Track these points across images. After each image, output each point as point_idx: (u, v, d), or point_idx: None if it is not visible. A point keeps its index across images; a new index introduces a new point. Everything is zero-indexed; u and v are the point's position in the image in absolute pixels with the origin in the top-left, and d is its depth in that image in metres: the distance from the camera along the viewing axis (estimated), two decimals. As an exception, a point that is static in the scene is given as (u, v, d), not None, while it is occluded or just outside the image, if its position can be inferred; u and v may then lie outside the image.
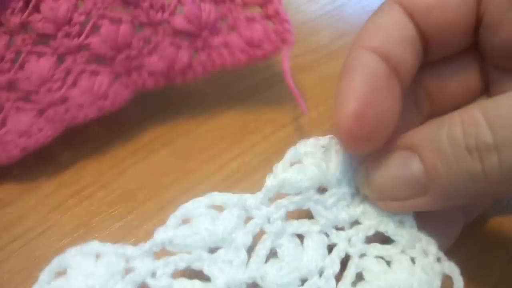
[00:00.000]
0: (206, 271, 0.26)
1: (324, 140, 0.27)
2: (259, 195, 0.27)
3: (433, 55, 0.28)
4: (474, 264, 0.29)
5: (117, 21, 0.33)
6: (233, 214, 0.26)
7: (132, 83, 0.35)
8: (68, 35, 0.33)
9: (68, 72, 0.34)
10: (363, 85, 0.25)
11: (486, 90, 0.30)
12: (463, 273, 0.27)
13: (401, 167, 0.24)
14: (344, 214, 0.27)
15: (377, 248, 0.27)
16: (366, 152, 0.26)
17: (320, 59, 0.31)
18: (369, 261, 0.27)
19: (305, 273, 0.26)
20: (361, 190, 0.27)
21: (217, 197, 0.27)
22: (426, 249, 0.27)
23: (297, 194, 0.27)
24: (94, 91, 0.34)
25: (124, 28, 0.33)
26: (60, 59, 0.34)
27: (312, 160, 0.27)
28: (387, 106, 0.25)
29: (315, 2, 0.45)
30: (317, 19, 0.35)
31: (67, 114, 0.34)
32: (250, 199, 0.27)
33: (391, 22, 0.26)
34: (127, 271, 0.25)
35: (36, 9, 0.33)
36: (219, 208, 0.27)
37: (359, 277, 0.26)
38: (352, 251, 0.27)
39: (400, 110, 0.26)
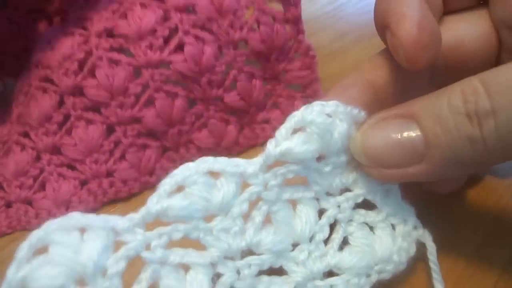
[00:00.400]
0: (203, 240, 0.25)
1: (330, 107, 0.25)
2: (258, 161, 0.25)
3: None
4: (474, 264, 0.30)
5: (173, 95, 0.32)
6: (230, 182, 0.25)
7: (179, 159, 0.34)
8: (121, 105, 0.31)
9: (116, 144, 0.32)
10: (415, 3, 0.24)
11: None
12: (464, 272, 0.29)
13: (399, 134, 0.24)
14: (337, 181, 0.27)
15: (362, 215, 0.28)
16: (425, 67, 0.25)
17: (320, 59, 0.32)
18: (355, 227, 0.28)
19: (297, 239, 0.26)
20: (355, 157, 0.27)
21: (212, 162, 0.25)
22: (406, 217, 0.28)
23: (297, 163, 0.26)
24: (141, 166, 0.33)
25: (179, 103, 0.32)
26: (110, 129, 0.32)
27: (316, 129, 0.25)
28: (434, 22, 0.25)
29: (315, 2, 0.45)
30: (317, 19, 0.35)
31: (111, 189, 0.32)
32: (249, 167, 0.25)
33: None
34: (118, 244, 0.23)
35: (91, 73, 0.30)
36: (215, 175, 0.25)
37: (345, 241, 0.28)
38: (340, 217, 0.27)
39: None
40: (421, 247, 0.28)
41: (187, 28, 0.32)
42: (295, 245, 0.27)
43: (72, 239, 0.22)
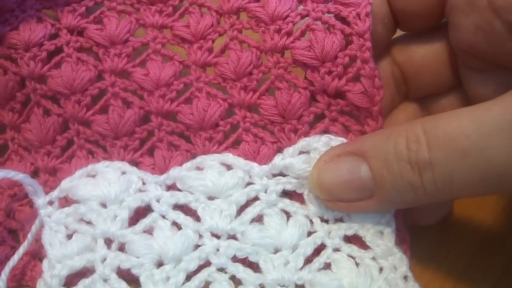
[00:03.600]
0: (200, 212, 0.30)
1: (336, 141, 0.30)
2: (265, 167, 0.30)
3: (403, 28, 0.31)
4: (474, 264, 0.29)
5: (213, 97, 0.32)
6: (237, 175, 0.30)
7: None
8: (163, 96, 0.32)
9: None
10: None
11: (459, 84, 0.31)
12: (464, 272, 0.29)
13: (351, 172, 0.27)
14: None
15: (351, 248, 0.29)
16: None
17: None
18: (341, 256, 0.29)
19: (280, 244, 0.29)
20: (312, 191, 0.29)
21: (230, 157, 0.31)
22: (397, 264, 0.28)
23: (296, 178, 0.30)
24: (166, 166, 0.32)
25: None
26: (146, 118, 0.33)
27: (318, 156, 0.29)
28: None
29: None
30: None
31: None
32: (256, 168, 0.30)
33: None
34: (141, 191, 0.31)
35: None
36: (229, 168, 0.31)
37: (327, 267, 0.29)
38: (328, 242, 0.29)
39: None
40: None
41: None
42: (277, 251, 0.29)
43: (113, 176, 0.31)
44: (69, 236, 0.29)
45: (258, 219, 0.30)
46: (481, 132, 0.22)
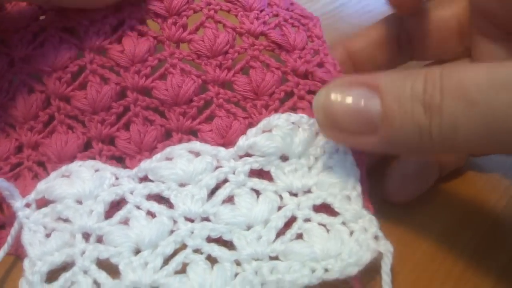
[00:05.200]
0: (172, 200, 0.31)
1: (296, 117, 0.31)
2: (231, 150, 0.32)
3: None
4: (474, 264, 0.29)
5: (187, 73, 0.33)
6: (205, 160, 0.31)
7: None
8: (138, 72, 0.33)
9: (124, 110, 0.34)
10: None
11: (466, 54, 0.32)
12: (464, 272, 0.29)
13: (361, 102, 0.26)
14: (298, 182, 0.31)
15: (321, 217, 0.30)
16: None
17: None
18: (312, 225, 0.30)
19: (252, 221, 0.30)
20: (315, 114, 0.29)
21: (197, 145, 0.32)
22: (366, 226, 0.29)
23: (262, 156, 0.31)
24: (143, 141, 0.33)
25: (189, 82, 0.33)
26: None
27: (280, 132, 0.31)
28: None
29: (315, 2, 0.47)
30: None
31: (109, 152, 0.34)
32: (223, 152, 0.32)
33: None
34: (114, 186, 0.32)
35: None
36: (198, 155, 0.32)
37: (299, 237, 0.29)
38: (298, 213, 0.30)
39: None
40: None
41: None
42: (249, 227, 0.30)
43: (87, 174, 0.32)
44: (48, 235, 0.30)
45: (229, 200, 0.31)
46: (493, 84, 0.22)
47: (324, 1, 0.48)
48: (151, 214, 0.31)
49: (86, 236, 0.30)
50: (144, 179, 0.32)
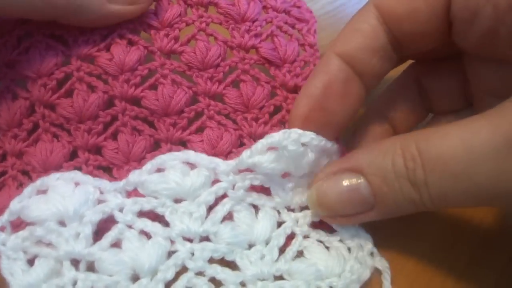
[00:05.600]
0: (168, 217, 0.29)
1: (306, 137, 0.29)
2: (231, 163, 0.30)
3: (409, 53, 0.31)
4: (474, 263, 0.30)
5: (178, 84, 0.33)
6: (203, 174, 0.29)
7: None
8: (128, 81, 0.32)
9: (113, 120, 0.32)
10: (318, 90, 0.29)
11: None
12: (464, 272, 0.30)
13: (351, 188, 0.27)
14: (297, 198, 0.30)
15: (319, 233, 0.30)
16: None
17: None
18: (311, 242, 0.30)
19: (253, 239, 0.29)
20: (312, 210, 0.30)
21: (192, 155, 0.30)
22: (362, 243, 0.30)
23: (263, 173, 0.30)
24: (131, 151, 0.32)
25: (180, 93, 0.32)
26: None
27: (287, 154, 0.29)
28: (338, 110, 0.29)
29: (315, 2, 0.46)
30: (318, 18, 0.35)
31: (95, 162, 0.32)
32: (223, 165, 0.30)
33: (364, 29, 0.29)
34: (100, 201, 0.29)
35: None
36: (192, 166, 0.30)
37: (300, 254, 0.30)
38: (298, 230, 0.30)
39: (355, 111, 0.30)
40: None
41: None
42: (251, 246, 0.29)
43: (67, 188, 0.28)
44: (30, 261, 0.27)
45: (228, 216, 0.30)
46: (471, 157, 0.23)
47: (324, 1, 0.46)
48: (144, 233, 0.29)
49: (75, 263, 0.27)
50: (133, 192, 0.29)
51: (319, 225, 0.31)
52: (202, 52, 0.32)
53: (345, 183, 0.27)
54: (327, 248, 0.30)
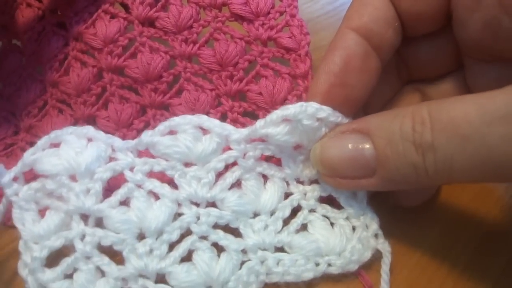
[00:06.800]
0: (177, 180, 0.29)
1: (323, 113, 0.28)
2: (244, 132, 0.29)
3: (409, 33, 0.30)
4: (474, 264, 0.30)
5: (155, 50, 0.34)
6: (215, 141, 0.29)
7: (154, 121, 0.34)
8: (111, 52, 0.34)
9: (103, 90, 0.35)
10: (337, 66, 0.28)
11: (460, 66, 0.31)
12: (465, 271, 0.30)
13: (355, 149, 0.27)
14: (307, 171, 0.30)
15: (326, 209, 0.30)
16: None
17: (320, 59, 0.30)
18: (316, 217, 0.30)
19: (259, 209, 0.30)
20: (314, 166, 0.29)
21: (205, 120, 0.29)
22: (368, 223, 0.30)
23: (275, 144, 0.29)
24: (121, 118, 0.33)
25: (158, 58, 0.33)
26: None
27: (301, 127, 0.28)
28: (357, 85, 0.28)
29: (316, 2, 0.46)
30: (317, 19, 0.35)
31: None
32: (235, 133, 0.29)
33: (374, 2, 0.28)
34: (111, 159, 0.29)
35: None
36: (205, 131, 0.30)
37: (304, 227, 0.30)
38: (304, 203, 0.30)
39: (373, 85, 0.29)
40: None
41: None
42: (256, 215, 0.30)
43: (79, 144, 0.28)
44: (41, 211, 0.28)
45: (236, 184, 0.30)
46: (484, 119, 0.22)
47: (324, 1, 0.47)
48: (153, 194, 0.29)
49: (84, 218, 0.28)
50: (144, 152, 0.30)
51: (326, 200, 0.30)
52: (175, 15, 0.33)
53: (350, 142, 0.27)
54: (332, 224, 0.30)
